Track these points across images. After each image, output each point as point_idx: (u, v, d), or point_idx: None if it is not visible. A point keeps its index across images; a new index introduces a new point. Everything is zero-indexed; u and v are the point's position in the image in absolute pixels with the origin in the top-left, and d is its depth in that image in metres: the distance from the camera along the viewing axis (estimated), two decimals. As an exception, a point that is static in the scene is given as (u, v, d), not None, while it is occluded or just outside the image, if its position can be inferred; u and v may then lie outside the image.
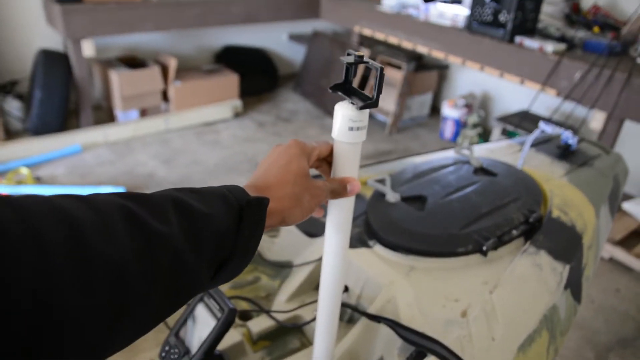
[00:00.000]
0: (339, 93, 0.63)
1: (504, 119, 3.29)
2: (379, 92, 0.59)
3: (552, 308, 0.93)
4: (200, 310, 0.79)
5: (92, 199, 0.41)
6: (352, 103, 0.60)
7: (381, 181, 1.11)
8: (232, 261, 0.50)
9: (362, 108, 0.60)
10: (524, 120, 3.15)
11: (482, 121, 3.83)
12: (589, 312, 2.37)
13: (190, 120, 3.81)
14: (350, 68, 0.62)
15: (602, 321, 2.33)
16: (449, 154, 1.33)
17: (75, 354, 0.37)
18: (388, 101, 3.97)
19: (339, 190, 0.62)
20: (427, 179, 1.16)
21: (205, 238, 0.47)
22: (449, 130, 3.91)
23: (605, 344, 2.21)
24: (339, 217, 0.67)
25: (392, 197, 1.06)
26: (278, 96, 4.62)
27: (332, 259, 0.70)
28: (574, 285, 1.01)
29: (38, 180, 2.98)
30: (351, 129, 0.60)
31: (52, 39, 3.65)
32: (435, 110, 4.40)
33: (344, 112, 0.60)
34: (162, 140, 3.61)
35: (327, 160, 0.66)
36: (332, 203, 0.66)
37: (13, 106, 3.46)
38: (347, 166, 0.63)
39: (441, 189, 1.12)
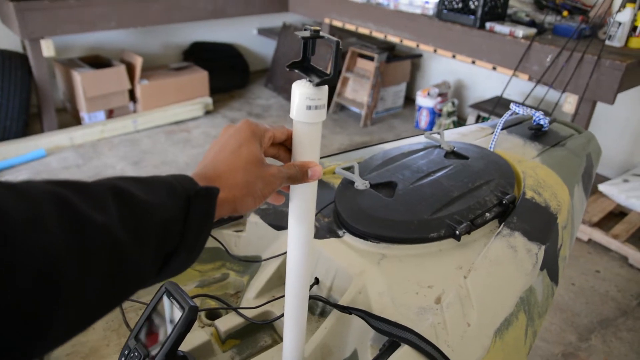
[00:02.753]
0: (296, 71, 0.59)
1: (478, 106, 3.29)
2: (336, 67, 0.56)
3: (528, 290, 0.90)
4: (160, 310, 0.74)
5: (23, 186, 0.37)
6: (309, 81, 0.56)
7: (349, 169, 1.07)
8: (180, 255, 0.46)
9: (318, 84, 0.56)
10: (497, 106, 3.15)
11: (456, 109, 3.83)
12: (569, 295, 2.38)
13: (159, 120, 3.72)
14: (308, 44, 0.59)
15: (583, 303, 2.34)
16: (420, 139, 1.30)
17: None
18: (361, 93, 3.94)
19: (299, 175, 0.58)
20: (397, 164, 1.13)
21: (148, 229, 0.43)
22: (424, 119, 3.90)
23: (587, 325, 2.22)
24: (301, 205, 0.62)
25: (360, 184, 1.02)
26: (249, 92, 4.55)
27: (297, 250, 0.66)
28: (550, 266, 0.99)
29: (1, 187, 2.87)
30: (309, 107, 0.56)
31: (9, 39, 3.51)
32: (409, 100, 4.39)
33: (302, 91, 0.56)
34: (131, 141, 3.51)
35: (284, 146, 0.62)
36: (293, 191, 0.62)
37: (-28, 111, 3.32)
38: (307, 149, 0.59)
39: (411, 174, 1.09)
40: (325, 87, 0.57)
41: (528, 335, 0.90)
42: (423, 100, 3.85)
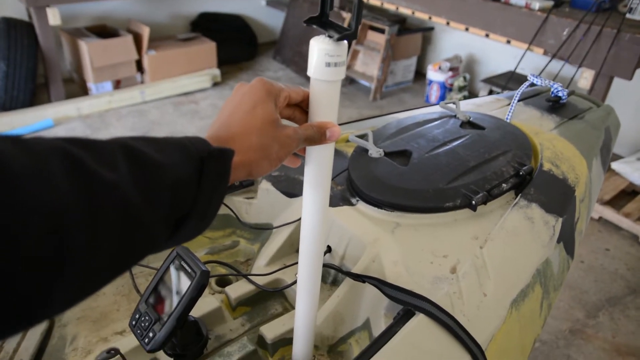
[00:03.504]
0: (314, 26, 0.56)
1: (490, 81, 3.23)
2: (358, 22, 0.53)
3: (545, 262, 0.88)
4: (171, 275, 0.72)
5: (30, 142, 0.35)
6: (329, 36, 0.54)
7: (363, 136, 1.04)
8: (193, 219, 0.44)
9: (339, 39, 0.53)
10: (510, 81, 3.09)
11: (468, 84, 3.76)
12: (578, 272, 2.37)
13: (167, 91, 3.69)
14: (326, -2, 0.56)
15: (592, 281, 2.33)
16: (435, 109, 1.27)
17: (5, 314, 0.31)
18: (371, 66, 3.88)
19: (316, 137, 0.55)
20: (412, 133, 1.10)
21: (160, 190, 0.41)
22: (434, 94, 3.85)
23: (595, 303, 2.21)
24: (317, 170, 0.60)
25: (374, 152, 1.00)
26: (258, 64, 4.50)
27: (312, 215, 0.64)
28: (566, 239, 0.97)
29: (10, 156, 2.86)
30: (328, 64, 0.54)
31: (14, 7, 3.47)
32: (419, 74, 4.32)
33: (320, 47, 0.53)
34: (138, 112, 3.49)
35: (300, 107, 0.59)
36: (309, 155, 0.59)
37: (-21, 80, 3.31)
38: (325, 109, 0.57)
39: (426, 143, 1.06)
40: (345, 43, 0.55)
41: (543, 308, 0.89)
42: (434, 74, 3.79)
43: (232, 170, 0.47)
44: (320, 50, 0.53)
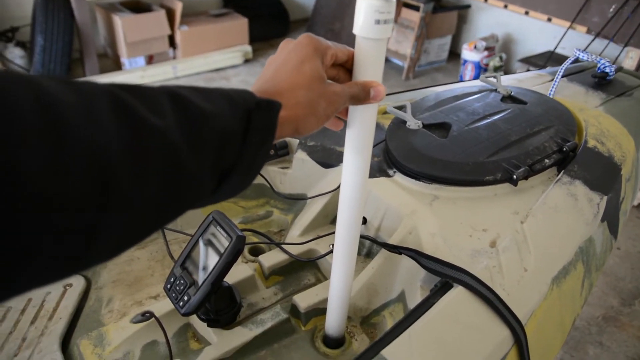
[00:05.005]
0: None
1: (528, 61, 3.12)
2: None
3: (588, 240, 0.85)
4: (207, 239, 0.72)
5: (78, 83, 0.34)
6: None
7: (401, 108, 1.02)
8: (238, 171, 0.43)
9: (388, -5, 0.51)
10: (549, 62, 2.99)
11: (504, 64, 3.66)
12: (614, 259, 2.30)
13: (198, 67, 3.70)
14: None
15: (628, 268, 2.26)
16: (475, 83, 1.23)
17: (48, 256, 0.30)
18: (405, 44, 3.80)
19: (361, 95, 0.54)
20: (451, 106, 1.07)
21: (206, 137, 0.40)
22: (468, 74, 3.75)
23: (631, 290, 2.15)
24: (359, 133, 0.58)
25: (413, 123, 0.98)
26: (289, 42, 4.46)
27: (352, 180, 0.62)
28: (610, 218, 0.93)
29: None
30: (377, 22, 0.51)
31: (53, -18, 3.50)
32: (454, 54, 4.22)
33: (370, 3, 0.51)
34: (171, 87, 3.51)
35: (344, 67, 0.57)
36: (352, 116, 0.58)
37: (15, 54, 3.37)
38: (370, 68, 0.55)
39: (466, 116, 1.03)
40: (394, 0, 0.52)
41: (584, 287, 0.86)
42: (469, 53, 3.69)
43: (278, 125, 0.46)
44: (370, 6, 0.51)
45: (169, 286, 0.74)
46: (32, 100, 0.30)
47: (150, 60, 3.64)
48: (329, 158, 0.97)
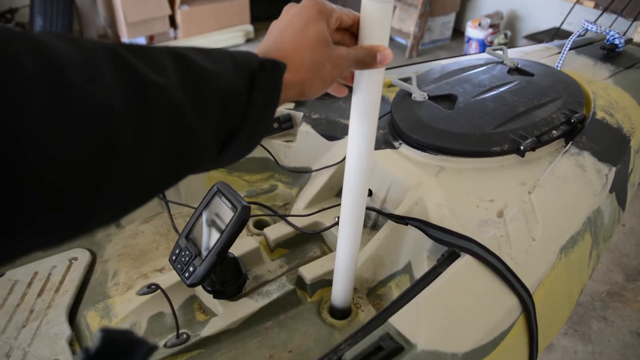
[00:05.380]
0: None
1: (533, 37, 3.08)
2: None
3: (596, 211, 0.84)
4: (212, 210, 0.72)
5: (79, 39, 0.33)
6: None
7: (406, 80, 1.00)
8: (242, 134, 0.42)
9: (392, -46, 0.49)
10: (555, 38, 2.94)
11: (508, 41, 3.61)
12: (619, 235, 2.29)
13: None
14: None
15: (633, 244, 2.26)
16: (481, 56, 1.21)
17: (50, 218, 0.30)
18: (408, 22, 3.75)
19: (367, 59, 0.52)
20: (457, 78, 1.05)
21: (209, 97, 0.39)
22: (473, 52, 3.71)
23: (636, 266, 2.15)
24: (365, 99, 0.57)
25: (418, 95, 0.96)
26: (291, 21, 4.41)
27: (358, 148, 0.61)
28: (619, 190, 0.92)
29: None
30: None
31: (52, -38, 3.46)
32: (457, 32, 4.16)
33: None
34: (173, 67, 3.49)
35: (350, 32, 0.56)
36: (358, 81, 0.56)
37: (17, 35, 3.34)
38: (376, 32, 0.53)
39: (472, 88, 1.01)
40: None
41: (592, 258, 0.85)
42: (473, 31, 3.64)
43: (283, 88, 0.45)
44: None
45: (174, 257, 0.74)
46: (32, 54, 0.29)
47: (151, 40, 3.60)
48: (334, 131, 0.96)
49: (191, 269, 0.70)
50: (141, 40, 3.53)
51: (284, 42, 0.49)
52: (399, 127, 0.90)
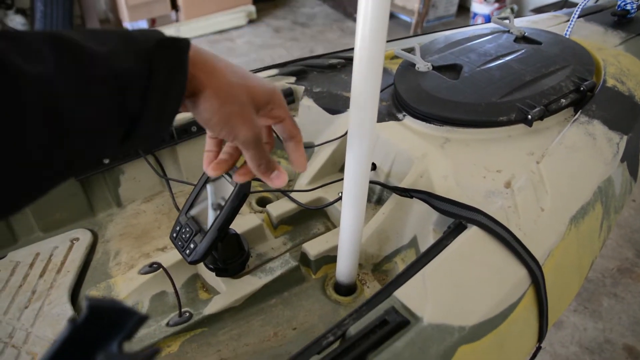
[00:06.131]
0: None
1: (540, 11, 3.01)
2: None
3: (607, 180, 0.82)
4: (212, 186, 0.70)
5: None
6: None
7: (410, 51, 0.97)
8: (147, 117, 0.39)
9: None
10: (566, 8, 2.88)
11: (515, 16, 3.54)
12: (629, 211, 2.26)
13: (202, 29, 3.62)
14: None
15: (643, 220, 2.22)
16: (487, 25, 1.17)
17: None
18: (412, -1, 3.68)
19: (263, 163, 0.52)
20: (462, 48, 1.02)
21: (97, 82, 0.36)
22: (477, 28, 3.64)
23: (646, 242, 2.12)
24: (367, 69, 0.54)
25: (422, 66, 0.93)
26: (294, 1, 4.35)
27: (359, 118, 0.58)
28: (630, 159, 0.90)
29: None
30: None
31: (50, -55, 3.41)
32: (463, 8, 4.09)
33: None
34: (175, 50, 3.45)
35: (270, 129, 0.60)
36: (359, 47, 0.53)
37: (16, 22, 3.31)
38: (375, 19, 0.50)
39: (478, 57, 0.98)
40: None
41: (603, 229, 0.83)
42: (478, 6, 3.57)
43: (199, 90, 0.43)
44: None
45: (174, 235, 0.72)
46: None
47: (152, 23, 3.56)
48: (336, 104, 0.94)
49: (192, 245, 0.69)
50: (143, 24, 3.50)
51: (219, 61, 0.47)
52: (402, 98, 0.88)
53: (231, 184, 0.67)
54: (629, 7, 1.19)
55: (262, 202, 0.93)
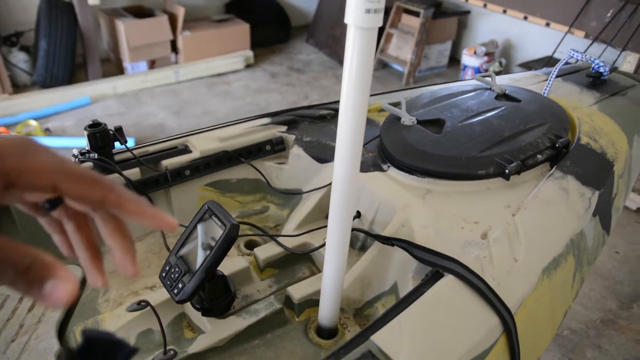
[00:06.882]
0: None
1: (527, 66, 3.14)
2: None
3: (579, 234, 0.86)
4: (202, 228, 0.73)
5: None
6: None
7: (396, 105, 1.03)
8: None
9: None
10: (548, 66, 3.00)
11: (503, 69, 3.68)
12: (612, 263, 2.30)
13: (200, 72, 3.72)
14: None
15: (627, 272, 2.26)
16: (470, 82, 1.24)
17: None
18: (405, 50, 3.82)
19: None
20: (446, 103, 1.08)
21: None
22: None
23: (630, 294, 2.15)
24: (350, 123, 0.59)
25: (407, 120, 0.99)
26: (290, 47, 4.49)
27: (343, 171, 0.63)
28: (603, 214, 0.94)
29: (47, 132, 2.95)
30: (368, 11, 0.53)
31: (57, -12, 3.54)
32: (454, 60, 4.24)
33: None
34: (172, 91, 3.54)
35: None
36: (344, 102, 0.58)
37: (19, 58, 3.41)
38: (361, 57, 0.56)
39: (460, 113, 1.04)
40: (384, -9, 0.54)
41: (576, 280, 0.87)
42: (469, 59, 3.71)
43: None
44: None
45: (164, 274, 0.75)
46: None
47: (152, 64, 3.66)
48: (324, 153, 0.99)
49: (180, 285, 0.71)
50: (143, 65, 3.60)
51: None
52: (387, 150, 0.93)
53: (220, 228, 0.70)
54: (602, 69, 1.27)
55: (251, 245, 0.96)
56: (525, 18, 2.79)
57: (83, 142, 1.32)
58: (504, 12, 2.88)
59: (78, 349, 0.30)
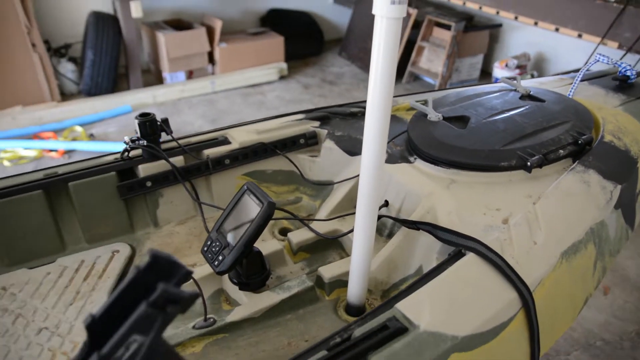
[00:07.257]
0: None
1: (558, 77, 3.14)
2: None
3: (599, 223, 0.89)
4: (241, 206, 0.80)
5: None
6: None
7: (424, 103, 1.09)
8: None
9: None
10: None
11: (534, 82, 3.67)
12: (647, 273, 2.27)
13: (236, 82, 3.85)
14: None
15: (660, 281, 2.22)
16: (496, 85, 1.29)
17: None
18: (436, 63, 3.87)
19: None
20: (471, 102, 1.13)
21: None
22: (498, 92, 3.78)
23: (662, 303, 2.11)
24: (376, 119, 0.65)
25: (433, 116, 1.04)
26: (323, 60, 4.59)
27: (369, 162, 0.68)
28: (626, 207, 0.97)
29: (92, 137, 3.11)
30: (393, 2, 0.59)
31: (102, 1, 3.75)
32: (485, 73, 4.26)
33: None
34: (208, 101, 3.67)
35: None
36: (370, 104, 0.64)
37: (67, 69, 3.60)
38: (387, 47, 0.62)
39: (485, 110, 1.09)
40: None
41: (597, 269, 0.90)
42: (500, 71, 3.73)
43: None
44: None
45: (205, 248, 0.82)
46: None
47: (190, 75, 3.81)
48: (354, 147, 1.05)
49: (220, 257, 0.78)
50: (181, 75, 3.75)
51: None
52: (414, 143, 0.98)
53: (258, 205, 0.77)
54: (629, 73, 1.30)
55: (284, 232, 1.02)
56: (557, 30, 2.80)
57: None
58: (535, 24, 2.89)
59: (145, 266, 0.36)
